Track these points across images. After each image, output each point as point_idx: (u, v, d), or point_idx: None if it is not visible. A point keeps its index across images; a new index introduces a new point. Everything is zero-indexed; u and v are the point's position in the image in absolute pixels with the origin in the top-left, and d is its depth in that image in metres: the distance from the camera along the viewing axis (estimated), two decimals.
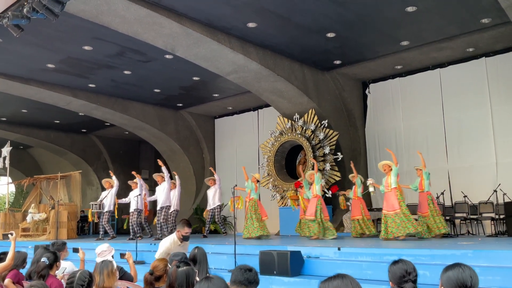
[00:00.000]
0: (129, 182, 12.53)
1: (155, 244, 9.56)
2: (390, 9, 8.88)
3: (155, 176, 12.01)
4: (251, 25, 9.53)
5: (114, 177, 12.69)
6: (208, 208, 12.19)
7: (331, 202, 12.20)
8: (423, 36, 10.29)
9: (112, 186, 12.70)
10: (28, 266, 5.40)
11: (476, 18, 9.37)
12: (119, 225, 19.25)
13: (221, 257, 7.67)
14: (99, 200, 12.62)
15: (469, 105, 11.34)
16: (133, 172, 12.41)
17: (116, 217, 14.04)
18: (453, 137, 11.52)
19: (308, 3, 8.56)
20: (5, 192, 22.37)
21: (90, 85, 13.42)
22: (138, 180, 12.05)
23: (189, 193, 16.43)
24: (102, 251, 5.17)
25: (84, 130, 19.41)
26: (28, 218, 13.84)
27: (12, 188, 22.41)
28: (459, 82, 11.55)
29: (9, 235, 5.68)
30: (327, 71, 12.48)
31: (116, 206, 12.45)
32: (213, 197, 12.11)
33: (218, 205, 12.07)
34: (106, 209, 12.47)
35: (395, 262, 2.96)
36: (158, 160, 12.23)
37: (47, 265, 4.43)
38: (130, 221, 12.05)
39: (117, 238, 12.43)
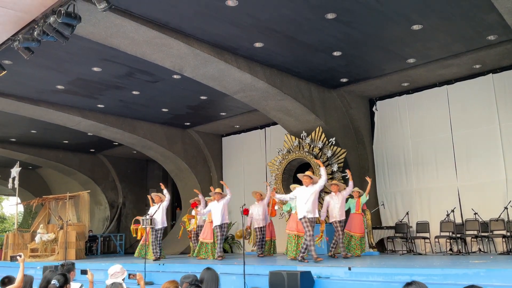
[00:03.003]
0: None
1: (163, 265, 9.51)
2: (396, 27, 8.94)
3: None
4: (257, 45, 9.62)
5: (165, 191, 11.57)
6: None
7: None
8: (430, 54, 10.32)
9: (162, 201, 11.63)
10: None
11: (482, 35, 9.39)
12: (127, 245, 19.21)
13: (230, 278, 7.61)
14: (148, 215, 11.27)
15: (477, 121, 11.29)
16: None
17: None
18: (462, 154, 11.45)
19: (314, 22, 8.64)
20: (14, 213, 22.44)
21: (99, 106, 13.55)
22: (200, 196, 12.01)
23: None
24: (115, 272, 5.13)
25: (93, 150, 19.52)
26: (37, 238, 13.85)
27: (21, 208, 22.52)
28: (466, 98, 11.53)
29: (18, 257, 5.68)
30: (333, 88, 12.52)
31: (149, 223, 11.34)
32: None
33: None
34: (159, 226, 11.42)
35: (408, 284, 2.92)
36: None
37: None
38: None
39: (125, 257, 12.35)
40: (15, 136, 17.10)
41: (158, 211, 11.47)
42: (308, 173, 8.81)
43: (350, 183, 9.71)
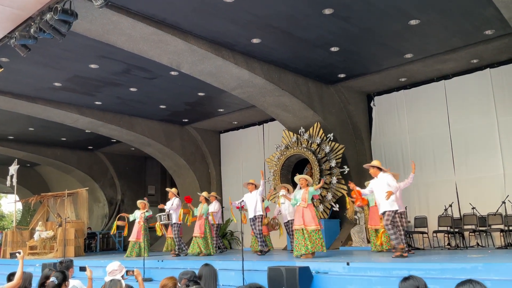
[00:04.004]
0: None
1: (162, 261, 9.53)
2: (394, 22, 8.93)
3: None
4: (255, 41, 9.60)
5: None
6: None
7: (338, 216, 12.15)
8: (427, 49, 10.32)
9: (176, 195, 11.64)
10: (34, 285, 5.41)
11: (479, 30, 9.39)
12: (126, 242, 19.20)
13: (229, 274, 7.63)
14: (164, 212, 11.32)
15: (475, 116, 11.31)
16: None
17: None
18: (460, 148, 11.47)
19: (311, 18, 8.63)
20: (13, 210, 22.44)
21: (97, 103, 13.53)
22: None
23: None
24: (113, 269, 5.14)
25: (91, 147, 19.51)
26: (36, 236, 13.85)
27: (20, 206, 22.49)
28: (464, 93, 11.53)
29: (17, 254, 5.70)
30: (331, 84, 12.51)
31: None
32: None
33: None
34: (174, 221, 11.34)
35: (405, 279, 2.94)
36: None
37: (55, 285, 4.42)
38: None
39: (124, 254, 12.36)
40: (12, 134, 17.07)
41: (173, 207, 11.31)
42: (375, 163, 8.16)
43: (411, 175, 8.42)
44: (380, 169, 7.98)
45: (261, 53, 10.32)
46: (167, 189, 12.08)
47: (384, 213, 7.76)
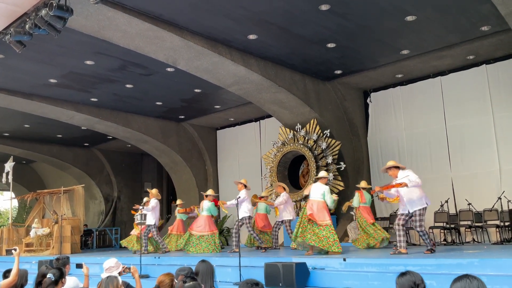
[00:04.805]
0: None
1: (159, 258, 9.52)
2: (390, 18, 8.92)
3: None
4: (251, 37, 9.58)
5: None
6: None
7: (334, 212, 12.15)
8: (423, 45, 10.33)
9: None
10: (30, 282, 5.39)
11: (475, 26, 9.40)
12: (122, 239, 19.19)
13: (226, 270, 7.63)
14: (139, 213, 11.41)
15: (471, 112, 11.33)
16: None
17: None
18: (456, 145, 11.50)
19: (308, 14, 8.62)
20: (8, 207, 22.36)
21: (92, 99, 13.48)
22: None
23: (192, 204, 16.38)
24: (110, 266, 5.12)
25: (87, 144, 19.45)
26: (32, 233, 13.82)
27: (15, 203, 22.43)
28: (460, 89, 11.55)
29: (13, 251, 5.68)
30: (328, 81, 12.51)
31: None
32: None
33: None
34: (149, 222, 11.26)
35: (402, 274, 2.94)
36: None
37: (52, 282, 4.41)
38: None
39: (120, 251, 12.35)
40: (8, 131, 16.99)
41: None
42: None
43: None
44: (397, 167, 7.57)
45: (257, 50, 10.30)
46: (148, 189, 12.21)
47: (414, 213, 7.28)
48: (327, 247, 7.88)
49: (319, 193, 8.21)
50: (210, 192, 11.24)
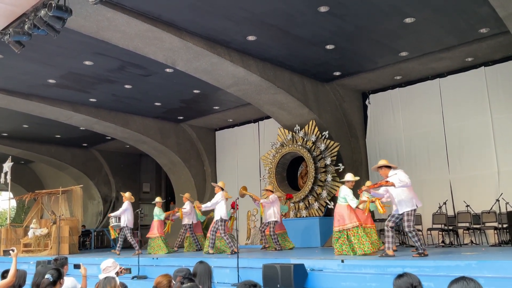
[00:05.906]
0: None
1: (157, 259, 9.51)
2: (389, 20, 8.94)
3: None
4: (250, 38, 9.59)
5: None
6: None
7: (333, 213, 12.15)
8: (422, 47, 10.34)
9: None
10: (28, 283, 5.38)
11: (474, 28, 9.42)
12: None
13: (224, 271, 7.63)
14: (113, 215, 12.04)
15: (470, 114, 11.35)
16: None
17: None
18: (454, 146, 11.51)
19: (307, 15, 8.63)
20: (7, 208, 22.33)
21: (91, 100, 13.47)
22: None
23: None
24: (107, 266, 5.12)
25: (85, 144, 19.43)
26: (30, 233, 13.80)
27: (14, 203, 22.38)
28: (459, 91, 11.57)
29: (11, 252, 5.67)
30: (327, 82, 12.52)
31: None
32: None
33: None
34: (123, 224, 11.72)
35: (400, 276, 2.94)
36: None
37: (50, 282, 4.40)
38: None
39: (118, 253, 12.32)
40: (6, 131, 16.97)
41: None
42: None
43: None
44: (389, 167, 7.43)
45: (256, 51, 10.30)
46: (122, 193, 12.45)
47: (403, 214, 7.22)
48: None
49: (340, 197, 8.31)
50: (158, 199, 12.03)
